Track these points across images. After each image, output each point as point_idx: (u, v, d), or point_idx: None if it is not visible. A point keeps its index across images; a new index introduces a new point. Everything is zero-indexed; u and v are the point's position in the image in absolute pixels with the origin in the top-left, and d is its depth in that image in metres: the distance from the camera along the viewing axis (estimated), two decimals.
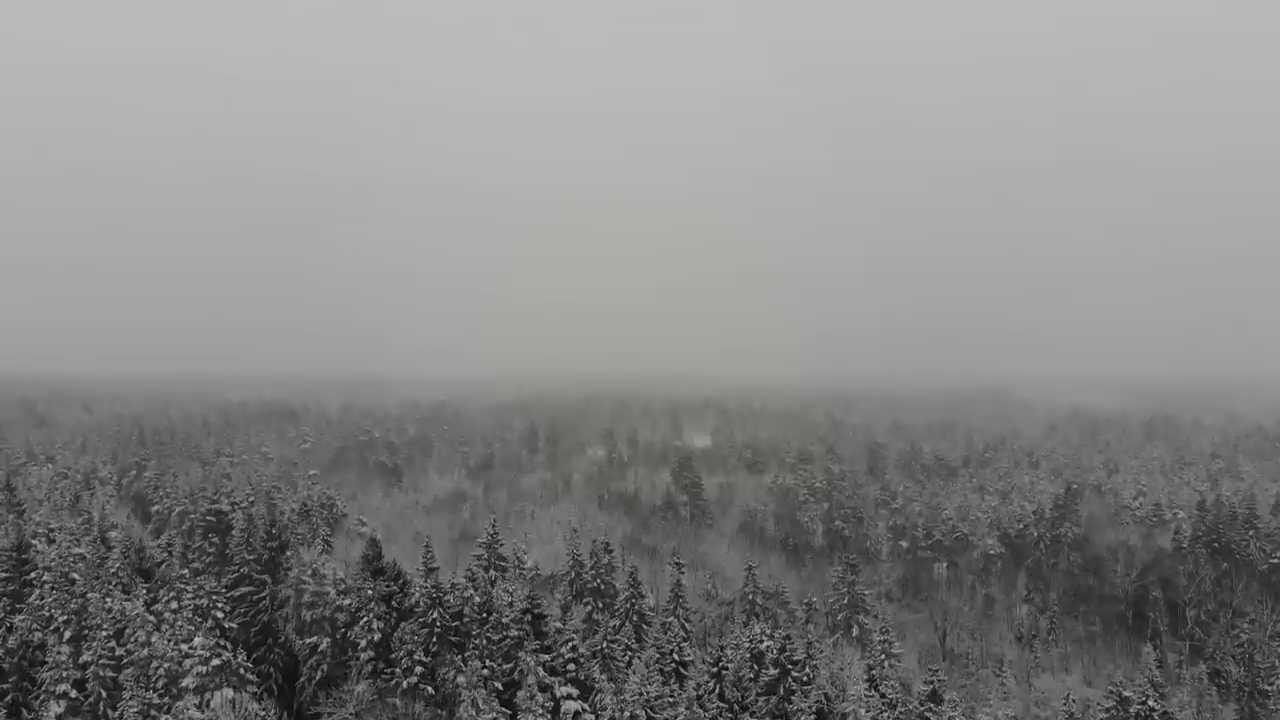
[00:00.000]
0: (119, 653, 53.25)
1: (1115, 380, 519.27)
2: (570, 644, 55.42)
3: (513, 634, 55.30)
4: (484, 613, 56.31)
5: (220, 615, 57.66)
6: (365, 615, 56.97)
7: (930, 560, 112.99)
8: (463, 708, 48.97)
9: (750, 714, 52.48)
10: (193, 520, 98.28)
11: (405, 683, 51.48)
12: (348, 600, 59.96)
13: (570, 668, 54.66)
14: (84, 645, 53.97)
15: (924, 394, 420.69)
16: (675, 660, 57.48)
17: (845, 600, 77.10)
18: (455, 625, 56.79)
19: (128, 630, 54.46)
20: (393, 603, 58.57)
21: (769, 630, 58.91)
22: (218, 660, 51.70)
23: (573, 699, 52.94)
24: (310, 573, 63.89)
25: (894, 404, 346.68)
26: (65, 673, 52.02)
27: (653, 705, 48.37)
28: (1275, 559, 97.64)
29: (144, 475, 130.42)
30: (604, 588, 73.71)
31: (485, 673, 52.33)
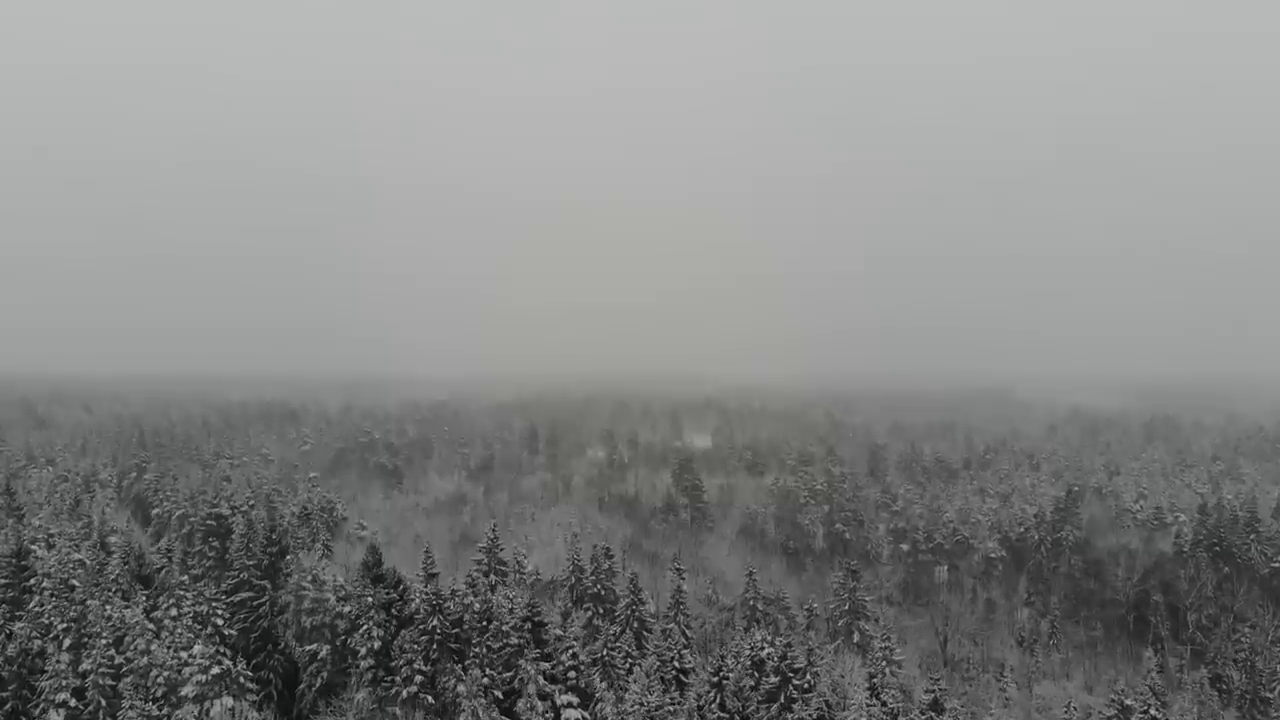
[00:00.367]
0: (118, 661, 53.18)
1: (1115, 380, 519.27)
2: (570, 651, 55.27)
3: (513, 642, 55.16)
4: (484, 620, 56.17)
5: (220, 622, 57.47)
6: (365, 623, 56.84)
7: (931, 563, 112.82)
8: (463, 717, 48.92)
9: None
10: (193, 524, 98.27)
11: (405, 691, 51.36)
12: (348, 607, 59.82)
13: (571, 675, 54.52)
14: (83, 653, 53.87)
15: (924, 394, 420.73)
16: (676, 668, 57.35)
17: (846, 606, 76.97)
18: (455, 633, 56.66)
19: (127, 638, 54.38)
20: (392, 610, 58.42)
21: (770, 637, 58.71)
22: (217, 669, 51.61)
23: (573, 707, 52.84)
24: (310, 579, 63.79)
25: (894, 404, 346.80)
26: (65, 681, 51.98)
27: (654, 714, 48.20)
28: (1276, 563, 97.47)
29: (144, 478, 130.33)
30: (604, 593, 73.55)
31: (485, 681, 52.21)
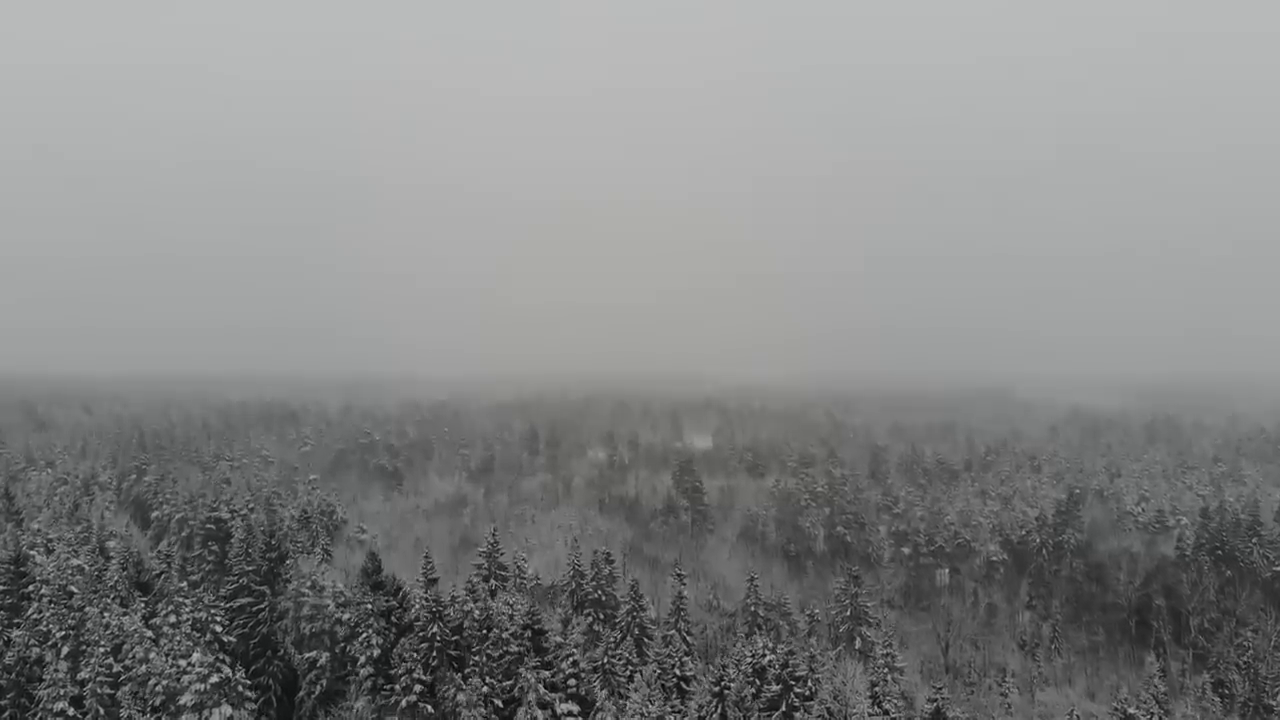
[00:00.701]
0: (117, 669, 52.97)
1: (1115, 380, 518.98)
2: (571, 659, 54.99)
3: (513, 650, 54.88)
4: (484, 629, 55.87)
5: (219, 629, 57.21)
6: (364, 630, 56.58)
7: (932, 566, 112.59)
8: None
9: None
10: (192, 528, 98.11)
11: (405, 701, 51.10)
12: (347, 614, 59.59)
13: (571, 683, 54.25)
14: (82, 661, 53.66)
15: (924, 394, 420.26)
16: (677, 675, 56.97)
17: (848, 612, 76.69)
18: (455, 640, 56.37)
19: (125, 646, 54.16)
20: (392, 618, 58.14)
21: (771, 644, 58.44)
22: (216, 677, 51.35)
23: (573, 716, 52.57)
24: (310, 584, 63.58)
25: (894, 404, 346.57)
26: (63, 690, 51.74)
27: None
28: (1279, 567, 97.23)
29: (144, 480, 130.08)
30: (605, 599, 73.33)
31: (485, 690, 51.95)
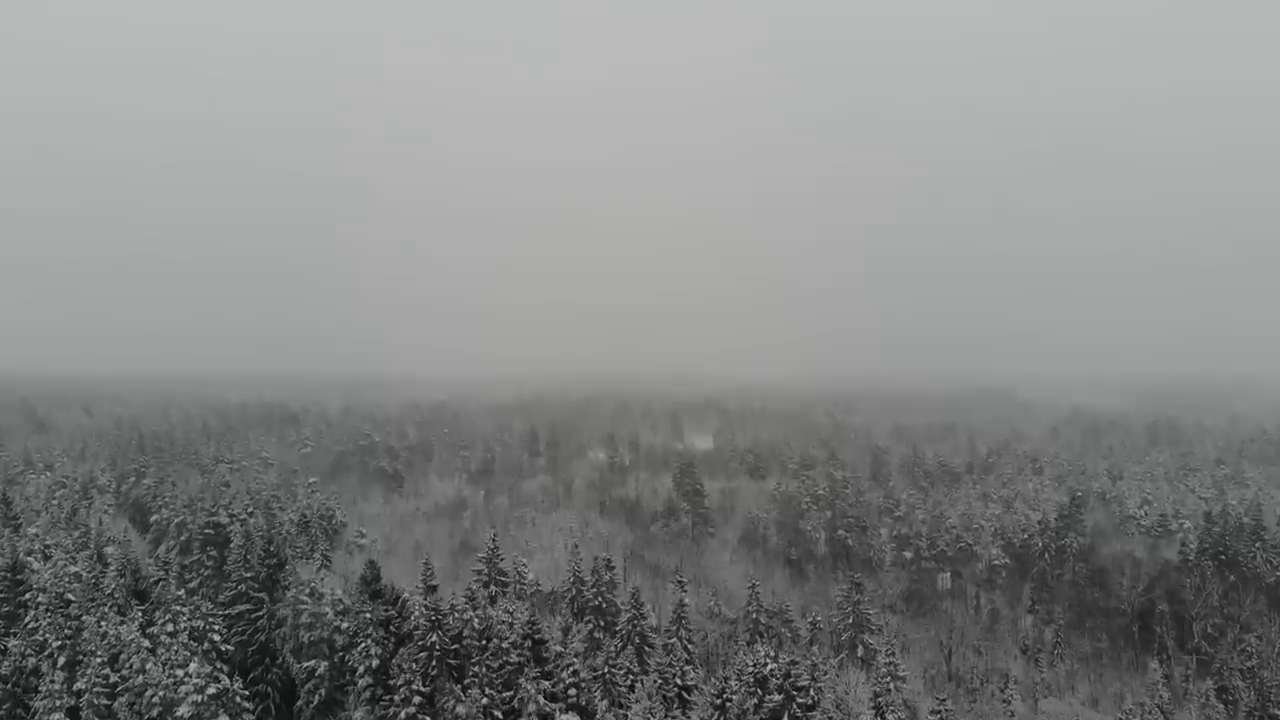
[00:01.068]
0: (113, 679, 52.52)
1: (1116, 380, 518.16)
2: (571, 668, 54.52)
3: (512, 660, 54.43)
4: (484, 638, 55.44)
5: (217, 638, 56.84)
6: (363, 640, 56.15)
7: (934, 570, 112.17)
8: None
9: None
10: (191, 532, 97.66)
11: (403, 713, 50.67)
12: (346, 623, 59.13)
13: (571, 693, 53.76)
14: (78, 671, 53.22)
15: (925, 394, 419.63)
16: (679, 685, 56.63)
17: (850, 619, 76.22)
18: (455, 649, 55.96)
19: (122, 656, 53.70)
20: (391, 627, 57.73)
21: (773, 653, 58.02)
22: (214, 688, 50.92)
23: None
24: (308, 592, 63.09)
25: (895, 404, 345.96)
26: (59, 700, 51.38)
27: None
28: None
29: (143, 483, 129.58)
30: (606, 606, 72.88)
31: (485, 701, 51.54)
